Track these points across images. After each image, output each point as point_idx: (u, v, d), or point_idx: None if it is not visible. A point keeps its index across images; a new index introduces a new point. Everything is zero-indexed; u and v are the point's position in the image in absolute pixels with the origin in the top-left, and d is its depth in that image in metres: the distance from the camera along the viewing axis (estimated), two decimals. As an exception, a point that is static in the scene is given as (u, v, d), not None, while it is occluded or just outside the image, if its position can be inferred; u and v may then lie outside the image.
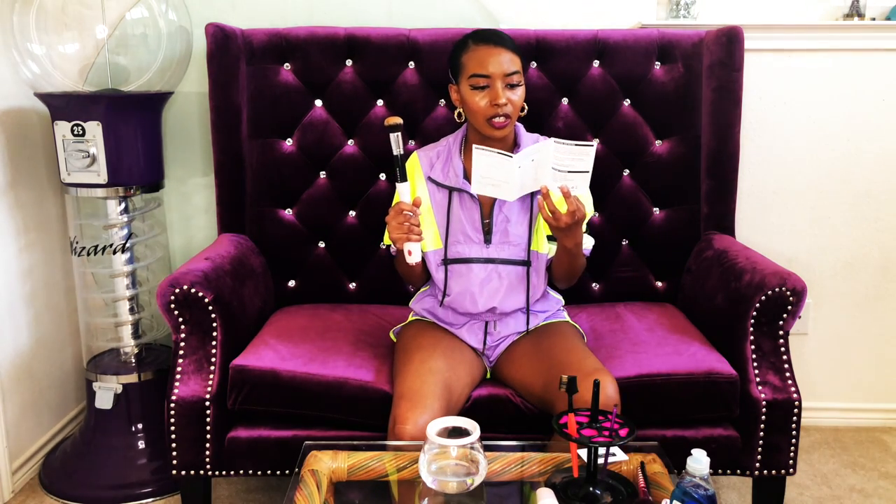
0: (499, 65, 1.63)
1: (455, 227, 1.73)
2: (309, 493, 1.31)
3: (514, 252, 1.73)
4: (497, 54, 1.63)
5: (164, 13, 2.11)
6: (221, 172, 2.13)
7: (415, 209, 1.59)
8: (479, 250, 1.73)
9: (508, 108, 1.64)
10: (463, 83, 1.67)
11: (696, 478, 1.18)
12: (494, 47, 1.64)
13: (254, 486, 2.12)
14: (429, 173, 1.76)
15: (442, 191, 1.74)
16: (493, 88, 1.63)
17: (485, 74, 1.63)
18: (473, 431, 1.30)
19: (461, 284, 1.75)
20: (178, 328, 1.75)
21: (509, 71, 1.63)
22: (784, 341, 1.77)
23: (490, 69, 1.63)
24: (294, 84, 2.13)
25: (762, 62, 2.29)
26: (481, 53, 1.64)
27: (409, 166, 1.77)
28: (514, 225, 1.72)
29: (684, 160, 2.16)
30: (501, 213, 1.72)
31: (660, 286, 2.21)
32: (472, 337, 1.79)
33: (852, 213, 2.39)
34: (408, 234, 1.60)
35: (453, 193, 1.73)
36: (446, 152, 1.77)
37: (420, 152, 1.80)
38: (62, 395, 2.34)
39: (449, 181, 1.73)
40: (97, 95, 2.01)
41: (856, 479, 2.19)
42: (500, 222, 1.72)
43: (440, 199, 1.75)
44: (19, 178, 2.12)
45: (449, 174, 1.74)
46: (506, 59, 1.63)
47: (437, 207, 1.75)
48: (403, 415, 1.51)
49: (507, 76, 1.63)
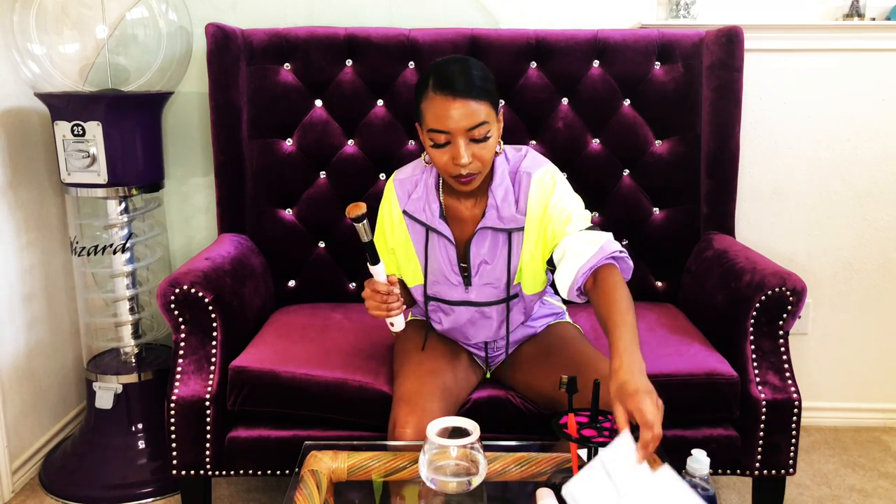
0: (459, 120, 1.39)
1: (434, 267, 1.60)
2: (309, 493, 1.31)
3: (495, 294, 1.61)
4: (457, 108, 1.38)
5: (164, 13, 2.11)
6: (221, 172, 2.13)
7: (391, 289, 1.46)
8: (459, 293, 1.61)
9: (475, 165, 1.43)
10: (424, 135, 1.46)
11: (696, 478, 1.18)
12: (453, 99, 1.38)
13: (254, 486, 2.12)
14: (404, 206, 1.60)
15: (419, 226, 1.60)
16: (454, 145, 1.41)
17: (444, 131, 1.40)
18: (473, 432, 1.30)
19: (448, 321, 1.67)
20: (178, 328, 1.75)
21: (472, 125, 1.39)
22: (784, 341, 1.77)
23: (449, 125, 1.39)
24: (294, 84, 2.13)
25: (762, 62, 2.29)
26: (438, 106, 1.40)
27: (386, 197, 1.64)
28: (491, 267, 1.58)
29: (684, 160, 2.16)
30: (479, 255, 1.57)
31: (660, 286, 2.21)
32: (474, 349, 1.77)
33: (852, 213, 2.39)
34: (387, 312, 1.49)
35: (430, 231, 1.58)
36: (424, 186, 1.59)
37: (396, 183, 1.62)
38: (62, 395, 2.34)
39: (425, 219, 1.57)
40: (97, 95, 2.01)
41: (856, 479, 2.19)
42: (477, 265, 1.58)
43: (418, 232, 1.60)
44: (19, 178, 2.12)
45: (425, 211, 1.57)
46: (467, 113, 1.38)
47: (415, 241, 1.61)
48: (403, 418, 1.51)
49: (469, 130, 1.40)
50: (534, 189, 1.53)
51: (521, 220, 1.53)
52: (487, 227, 1.55)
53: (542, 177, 1.54)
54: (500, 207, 1.53)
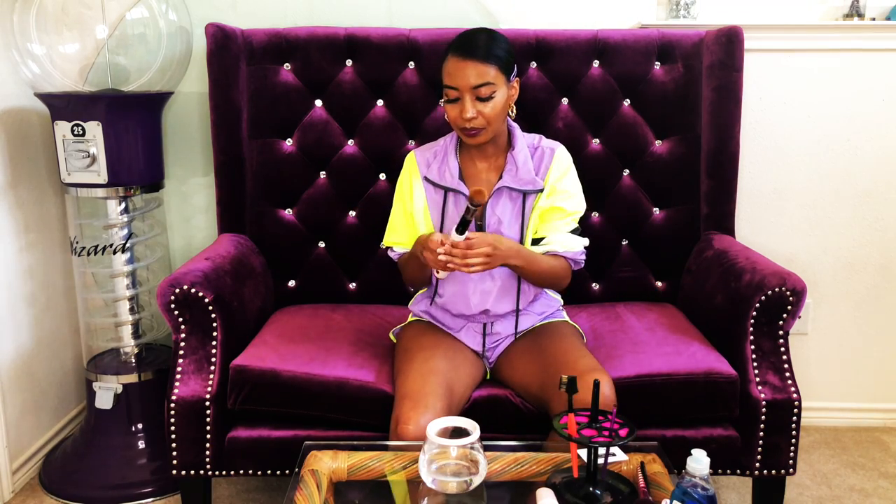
0: (465, 78, 1.59)
1: (449, 228, 1.71)
2: (309, 493, 1.31)
3: None
4: (465, 67, 1.59)
5: (164, 13, 2.11)
6: (221, 172, 2.13)
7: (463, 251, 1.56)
8: None
9: (479, 120, 1.62)
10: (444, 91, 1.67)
11: (696, 478, 1.18)
12: (463, 60, 1.60)
13: (254, 486, 2.12)
14: (425, 173, 1.75)
15: (438, 190, 1.74)
16: (461, 101, 1.61)
17: (453, 87, 1.61)
18: (473, 431, 1.30)
19: (454, 285, 1.75)
20: (178, 328, 1.75)
21: (476, 83, 1.59)
22: (784, 341, 1.77)
23: (458, 81, 1.60)
24: (294, 84, 2.13)
25: (762, 62, 2.29)
26: (451, 65, 1.61)
27: (405, 166, 1.79)
28: (506, 227, 1.71)
29: (684, 160, 2.16)
30: (494, 214, 1.71)
31: (660, 286, 2.21)
32: (471, 339, 1.79)
33: (852, 213, 2.39)
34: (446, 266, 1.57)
35: (448, 193, 1.73)
36: (443, 152, 1.76)
37: (417, 152, 1.80)
38: (62, 395, 2.34)
39: (444, 181, 1.72)
40: (97, 95, 2.01)
41: (856, 479, 2.19)
42: (492, 224, 1.71)
43: (436, 198, 1.74)
44: (19, 178, 2.12)
45: (444, 174, 1.73)
46: (473, 72, 1.59)
47: (432, 206, 1.75)
48: (406, 415, 1.51)
49: (474, 89, 1.59)
50: (556, 162, 1.73)
51: (539, 184, 1.70)
52: (505, 187, 1.70)
53: (564, 154, 1.76)
54: (519, 170, 1.70)
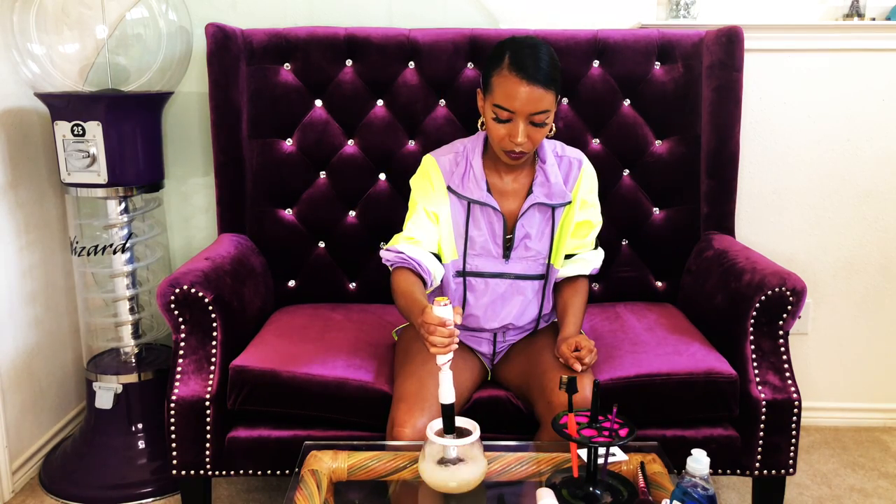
0: (526, 103, 1.49)
1: (474, 240, 1.67)
2: (309, 493, 1.31)
3: (531, 267, 1.70)
4: (526, 91, 1.49)
5: (164, 13, 2.11)
6: (221, 172, 2.13)
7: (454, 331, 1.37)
8: (497, 265, 1.68)
9: (528, 145, 1.54)
10: (488, 104, 1.56)
11: (696, 478, 1.18)
12: (527, 84, 1.48)
13: (254, 486, 2.12)
14: (448, 182, 1.66)
15: (462, 201, 1.66)
16: (514, 124, 1.52)
17: (510, 109, 1.51)
18: (473, 432, 1.30)
19: (480, 300, 1.70)
20: (178, 328, 1.75)
21: (536, 111, 1.50)
22: (784, 341, 1.77)
23: (515, 105, 1.50)
24: (294, 84, 2.13)
25: (762, 62, 2.29)
26: (510, 85, 1.50)
27: (426, 169, 1.69)
28: (534, 240, 1.68)
29: (684, 160, 2.16)
30: (523, 228, 1.67)
31: (660, 286, 2.21)
32: (481, 346, 1.78)
33: (852, 213, 2.39)
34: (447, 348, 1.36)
35: (473, 205, 1.66)
36: (465, 160, 1.66)
37: (436, 157, 1.69)
38: (62, 395, 2.34)
39: (469, 192, 1.64)
40: (97, 95, 2.01)
41: (856, 479, 2.19)
42: (520, 237, 1.68)
43: (459, 208, 1.67)
44: (19, 178, 2.12)
45: (469, 185, 1.64)
46: (535, 98, 1.49)
47: (456, 216, 1.67)
48: (401, 418, 1.51)
49: (532, 115, 1.51)
50: (584, 176, 1.71)
51: (568, 196, 1.68)
52: (537, 203, 1.66)
53: (590, 167, 1.74)
54: (552, 184, 1.66)
